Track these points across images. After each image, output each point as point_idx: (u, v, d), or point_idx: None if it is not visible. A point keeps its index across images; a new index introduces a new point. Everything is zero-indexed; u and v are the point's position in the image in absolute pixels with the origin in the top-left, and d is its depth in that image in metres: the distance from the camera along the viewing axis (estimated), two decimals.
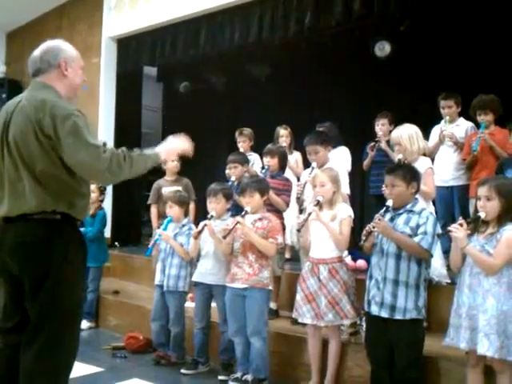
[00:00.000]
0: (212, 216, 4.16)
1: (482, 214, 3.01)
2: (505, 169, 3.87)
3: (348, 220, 3.70)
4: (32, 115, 2.41)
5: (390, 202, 3.38)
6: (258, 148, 5.02)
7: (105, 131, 7.79)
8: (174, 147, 2.76)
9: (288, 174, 5.13)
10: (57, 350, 2.46)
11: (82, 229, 5.62)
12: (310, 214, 3.65)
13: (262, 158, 4.91)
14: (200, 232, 4.15)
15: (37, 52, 2.63)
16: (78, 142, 2.37)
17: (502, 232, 2.96)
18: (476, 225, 3.08)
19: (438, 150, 5.10)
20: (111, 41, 7.95)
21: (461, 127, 5.14)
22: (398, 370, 3.29)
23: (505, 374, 2.98)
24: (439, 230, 3.33)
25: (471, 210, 4.16)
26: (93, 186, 5.76)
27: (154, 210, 5.84)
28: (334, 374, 3.72)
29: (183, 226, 4.55)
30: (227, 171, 5.30)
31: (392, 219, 3.38)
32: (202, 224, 4.18)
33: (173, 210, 4.58)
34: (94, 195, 5.72)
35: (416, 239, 3.26)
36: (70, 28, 8.32)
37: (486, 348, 2.88)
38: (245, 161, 4.97)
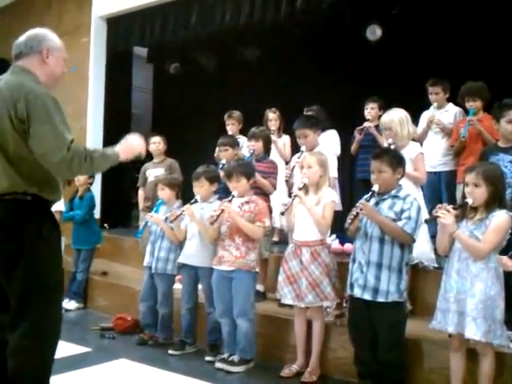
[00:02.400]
0: (196, 200, 4.18)
1: (470, 201, 3.04)
2: (488, 156, 3.89)
3: (331, 205, 3.72)
4: (8, 98, 2.43)
5: (375, 187, 3.40)
6: (247, 131, 5.02)
7: (94, 112, 7.75)
8: (132, 148, 2.73)
9: (275, 157, 5.15)
10: (41, 327, 2.49)
11: (70, 212, 5.69)
12: (294, 198, 3.68)
13: None
14: (177, 217, 4.18)
15: (22, 37, 2.66)
16: (46, 131, 2.40)
17: (491, 218, 2.99)
18: (464, 211, 3.11)
19: (426, 136, 5.12)
20: (101, 20, 7.86)
21: (449, 113, 5.16)
22: (380, 351, 3.35)
23: (487, 357, 3.03)
24: (423, 216, 3.36)
25: (458, 195, 4.21)
26: None
27: (140, 193, 5.88)
28: (319, 355, 3.78)
29: (175, 208, 4.56)
30: (216, 154, 5.31)
31: (377, 204, 3.41)
32: (181, 209, 4.21)
33: (164, 193, 4.58)
34: (82, 178, 5.72)
35: (400, 224, 3.29)
36: (59, 6, 8.21)
37: (474, 332, 2.93)
38: (235, 144, 4.97)
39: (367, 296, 3.34)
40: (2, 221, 2.46)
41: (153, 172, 5.67)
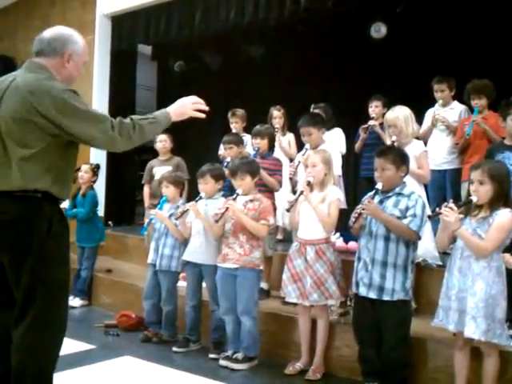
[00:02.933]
0: (201, 198, 4.19)
1: (474, 198, 3.02)
2: (494, 154, 3.88)
3: (336, 203, 3.72)
4: (27, 96, 2.40)
5: (379, 185, 3.40)
6: (251, 129, 5.02)
7: (98, 110, 7.69)
8: (184, 110, 2.70)
9: (279, 154, 5.15)
10: (45, 325, 2.48)
11: (73, 209, 5.70)
12: (299, 195, 3.68)
13: None
14: (183, 213, 4.18)
15: (48, 33, 2.60)
16: (83, 122, 2.42)
17: (495, 216, 2.98)
18: (468, 208, 3.10)
19: (431, 134, 5.11)
20: (105, 18, 7.86)
21: (454, 110, 5.14)
22: (385, 349, 3.35)
23: (491, 356, 3.03)
24: (428, 213, 3.35)
25: (463, 193, 4.20)
26: (86, 167, 5.78)
27: (146, 190, 5.88)
28: (323, 353, 3.78)
29: (178, 206, 4.56)
30: (220, 152, 5.31)
31: (381, 202, 3.41)
32: (187, 206, 4.21)
33: (168, 190, 4.59)
34: (86, 175, 5.73)
35: (405, 221, 3.29)
36: (63, 4, 8.22)
37: (473, 330, 2.92)
38: (240, 142, 4.98)
39: (372, 294, 3.34)
40: (13, 218, 2.44)
41: (160, 170, 5.66)
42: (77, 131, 2.43)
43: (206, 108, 2.76)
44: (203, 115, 2.74)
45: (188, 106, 2.71)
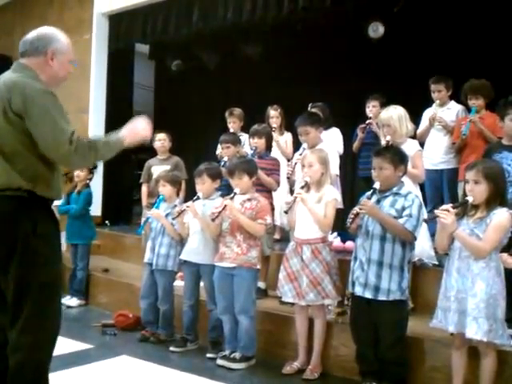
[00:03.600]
0: (198, 197, 4.19)
1: (470, 198, 3.02)
2: (492, 154, 3.88)
3: (333, 203, 3.72)
4: (4, 95, 2.44)
5: (377, 185, 3.40)
6: (248, 128, 5.02)
7: (96, 109, 7.74)
8: (137, 132, 2.69)
9: (276, 154, 5.15)
10: (39, 323, 2.49)
11: (66, 206, 5.68)
12: (296, 197, 3.67)
13: None
14: (180, 213, 4.19)
15: (31, 34, 2.63)
16: (45, 126, 2.41)
17: (492, 216, 2.98)
18: (464, 209, 3.09)
19: (428, 134, 5.11)
20: (103, 17, 7.85)
21: (452, 110, 5.14)
22: (382, 349, 3.36)
23: (489, 356, 3.03)
24: (424, 214, 3.35)
25: (460, 193, 4.20)
26: None
27: (144, 189, 5.86)
28: (320, 352, 3.78)
29: (175, 205, 4.56)
30: (218, 151, 5.31)
31: (378, 201, 3.41)
32: (184, 205, 4.21)
33: (165, 189, 4.58)
34: (82, 174, 5.72)
35: (401, 221, 3.29)
36: (60, 3, 8.21)
37: (475, 331, 2.92)
38: (237, 141, 4.98)
39: (368, 294, 3.34)
40: None
41: (158, 169, 5.64)
42: (35, 132, 2.41)
43: (149, 137, 2.79)
44: (148, 137, 2.78)
45: (140, 129, 2.69)
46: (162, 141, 5.77)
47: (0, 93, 2.45)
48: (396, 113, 4.08)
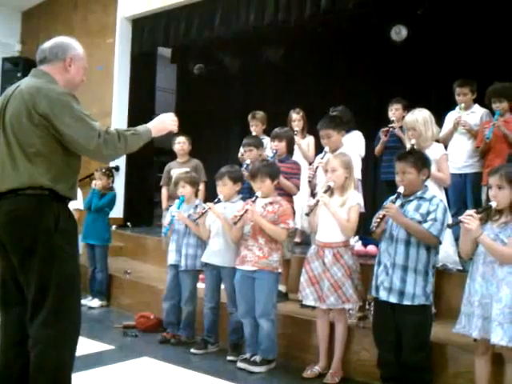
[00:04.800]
0: (219, 200, 4.20)
1: (494, 204, 2.99)
2: None
3: (356, 208, 3.70)
4: (27, 98, 2.55)
5: (401, 189, 3.38)
6: (270, 131, 5.02)
7: (118, 112, 7.82)
8: (164, 125, 2.89)
9: (298, 157, 5.14)
10: (59, 317, 2.54)
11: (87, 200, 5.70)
12: (318, 201, 3.66)
13: None
14: (202, 215, 4.21)
15: (48, 43, 2.78)
16: (73, 125, 2.53)
17: None
18: (488, 214, 3.06)
19: (451, 137, 5.06)
20: (126, 21, 7.95)
21: (476, 114, 5.09)
22: (405, 354, 3.32)
23: None
24: (449, 218, 3.32)
25: (484, 197, 4.15)
26: (98, 173, 5.82)
27: (164, 192, 5.89)
28: (341, 357, 3.75)
29: (196, 206, 4.57)
30: (240, 154, 5.31)
31: (402, 206, 3.38)
32: (205, 207, 4.22)
33: (185, 190, 4.59)
34: (99, 182, 5.76)
35: (425, 225, 3.26)
36: (84, 7, 8.32)
37: (500, 337, 2.87)
38: (260, 144, 4.97)
39: (393, 299, 3.32)
40: (19, 215, 2.53)
41: (178, 172, 5.67)
42: (66, 131, 2.53)
43: (176, 129, 2.98)
44: (176, 130, 2.99)
45: (167, 122, 2.90)
46: (181, 144, 5.81)
47: (22, 97, 2.56)
48: (421, 116, 4.05)
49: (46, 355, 2.52)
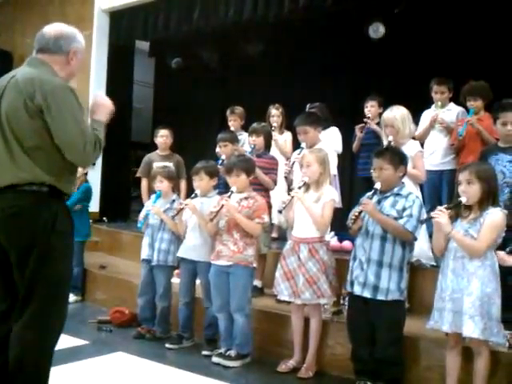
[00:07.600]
0: (196, 195, 4.19)
1: (463, 199, 3.05)
2: (488, 156, 3.90)
3: (331, 203, 3.72)
4: (23, 90, 2.44)
5: (378, 185, 3.41)
6: (249, 127, 5.02)
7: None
8: (105, 108, 2.71)
9: (275, 153, 5.15)
10: (44, 321, 2.49)
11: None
12: (292, 198, 3.69)
13: None
14: (179, 211, 4.20)
15: (51, 31, 2.63)
16: (66, 122, 2.43)
17: (485, 216, 3.01)
18: (458, 209, 3.12)
19: (428, 135, 5.12)
20: (103, 13, 7.86)
21: (452, 112, 5.16)
22: (378, 348, 3.36)
23: (482, 356, 3.04)
24: (424, 214, 3.36)
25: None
26: None
27: (144, 183, 5.82)
28: (316, 351, 3.78)
29: (173, 201, 4.56)
30: (217, 150, 5.30)
31: (379, 202, 3.42)
32: (183, 203, 4.22)
33: (163, 185, 4.57)
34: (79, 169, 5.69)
35: (401, 221, 3.30)
36: None
37: (472, 330, 2.93)
38: (235, 140, 4.97)
39: (367, 294, 3.35)
40: (18, 211, 2.45)
41: (158, 165, 5.64)
42: (52, 127, 2.43)
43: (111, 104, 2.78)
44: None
45: (105, 105, 2.72)
46: (164, 137, 5.79)
47: (18, 87, 2.46)
48: (399, 113, 4.09)
49: (26, 358, 2.46)
